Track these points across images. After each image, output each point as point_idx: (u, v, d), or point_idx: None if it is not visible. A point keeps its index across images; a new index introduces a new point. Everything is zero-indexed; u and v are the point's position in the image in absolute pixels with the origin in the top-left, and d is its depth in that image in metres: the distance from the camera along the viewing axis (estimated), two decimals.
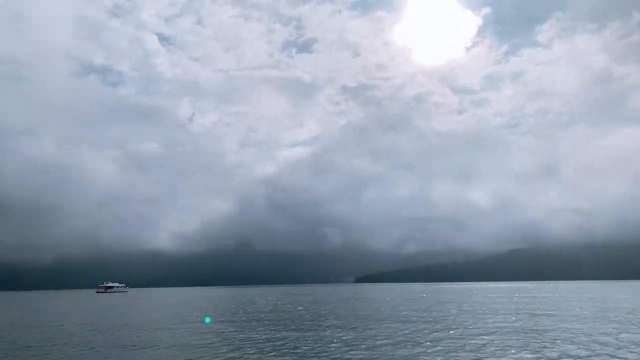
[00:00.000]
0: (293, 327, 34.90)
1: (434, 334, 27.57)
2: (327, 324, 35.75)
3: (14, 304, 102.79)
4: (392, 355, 20.40)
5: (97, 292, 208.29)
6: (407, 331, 29.25)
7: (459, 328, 30.22)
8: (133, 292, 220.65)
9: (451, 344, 22.68)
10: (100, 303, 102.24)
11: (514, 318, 36.32)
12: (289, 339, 26.92)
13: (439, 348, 21.74)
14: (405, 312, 46.30)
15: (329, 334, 28.46)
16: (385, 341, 24.42)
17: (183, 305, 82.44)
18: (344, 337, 26.60)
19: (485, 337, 25.13)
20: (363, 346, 23.02)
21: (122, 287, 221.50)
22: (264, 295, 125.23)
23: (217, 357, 21.71)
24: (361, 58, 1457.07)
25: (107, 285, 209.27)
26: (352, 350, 21.92)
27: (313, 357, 20.24)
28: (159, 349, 25.06)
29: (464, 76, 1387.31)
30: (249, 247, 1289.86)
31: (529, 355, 18.60)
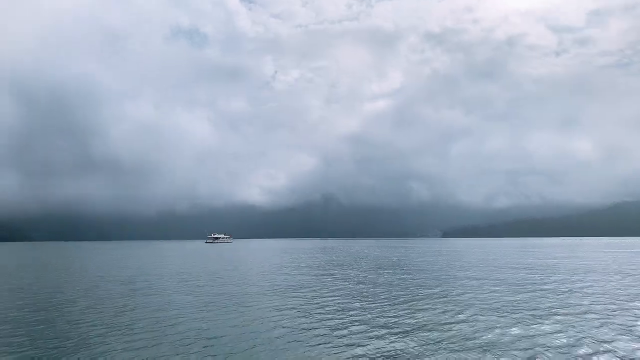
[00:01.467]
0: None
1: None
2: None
3: (148, 251, 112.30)
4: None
5: (206, 242, 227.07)
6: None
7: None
8: (236, 242, 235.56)
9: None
10: (219, 250, 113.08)
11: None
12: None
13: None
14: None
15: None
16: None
17: (315, 252, 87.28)
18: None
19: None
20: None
21: (227, 237, 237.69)
22: (371, 247, 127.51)
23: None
24: (447, 0, 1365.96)
25: (214, 236, 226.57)
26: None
27: None
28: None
29: (564, 12, 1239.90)
30: (334, 201, 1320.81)
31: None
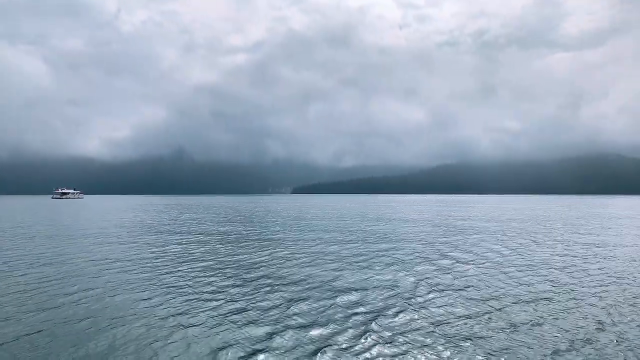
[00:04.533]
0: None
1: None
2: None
3: None
4: None
5: (52, 197, 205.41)
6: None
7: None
8: (87, 199, 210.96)
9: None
10: (76, 207, 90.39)
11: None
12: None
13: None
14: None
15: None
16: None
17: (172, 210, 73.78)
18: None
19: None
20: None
21: (77, 193, 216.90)
22: (227, 203, 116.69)
23: None
24: None
25: (62, 191, 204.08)
26: None
27: None
28: None
29: None
30: (185, 156, 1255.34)
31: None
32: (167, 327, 9.41)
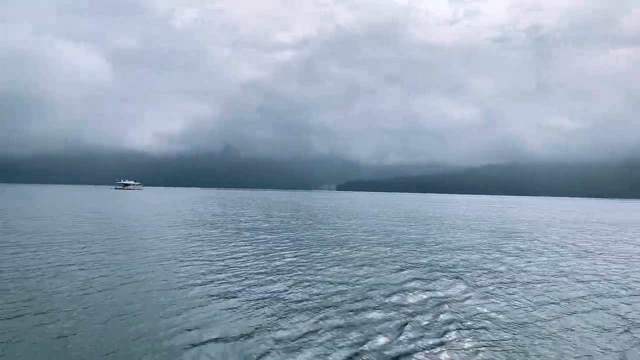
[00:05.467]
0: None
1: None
2: None
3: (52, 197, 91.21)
4: None
5: (115, 188, 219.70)
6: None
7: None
8: (146, 190, 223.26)
9: None
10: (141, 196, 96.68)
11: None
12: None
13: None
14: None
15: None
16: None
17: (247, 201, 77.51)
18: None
19: None
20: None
21: (137, 184, 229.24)
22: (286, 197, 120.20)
23: None
24: None
25: (124, 182, 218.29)
26: None
27: None
28: None
29: None
30: (231, 151, 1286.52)
31: None
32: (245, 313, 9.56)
